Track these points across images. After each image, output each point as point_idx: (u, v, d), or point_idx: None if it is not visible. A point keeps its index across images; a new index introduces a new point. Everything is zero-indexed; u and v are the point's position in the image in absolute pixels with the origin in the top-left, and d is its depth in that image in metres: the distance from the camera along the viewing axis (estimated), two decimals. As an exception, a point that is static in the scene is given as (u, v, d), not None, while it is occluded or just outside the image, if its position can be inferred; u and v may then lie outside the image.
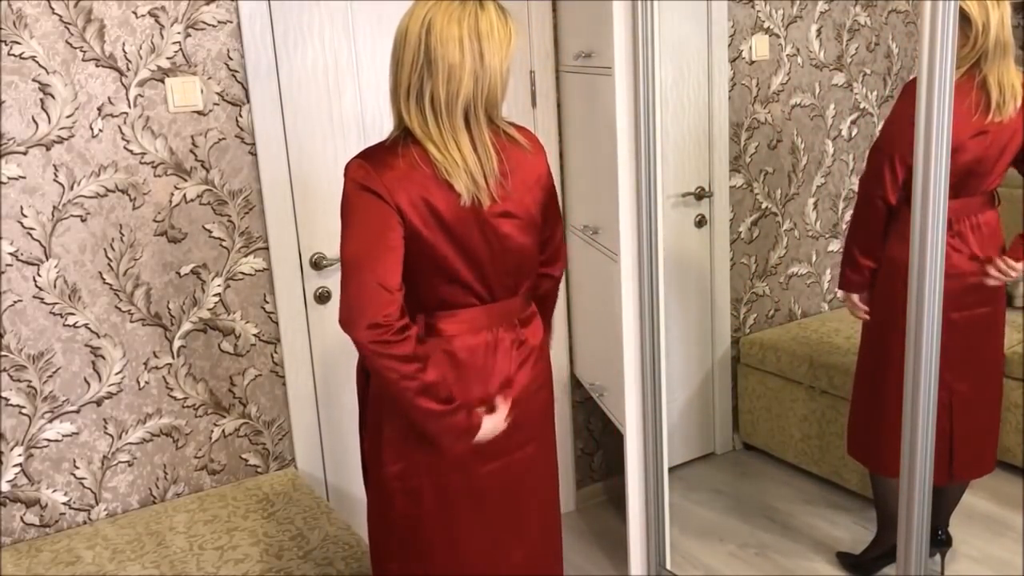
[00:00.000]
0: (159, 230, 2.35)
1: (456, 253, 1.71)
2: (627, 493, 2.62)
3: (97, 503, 2.38)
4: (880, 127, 2.49)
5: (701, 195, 3.27)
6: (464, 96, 1.66)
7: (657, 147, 2.39)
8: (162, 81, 2.30)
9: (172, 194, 2.35)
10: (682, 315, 3.29)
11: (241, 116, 2.41)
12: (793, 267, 3.50)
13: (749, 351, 3.40)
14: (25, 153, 2.17)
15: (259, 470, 2.60)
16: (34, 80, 2.15)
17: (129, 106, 2.27)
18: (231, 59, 2.37)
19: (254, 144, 2.43)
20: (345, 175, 1.70)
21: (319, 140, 2.55)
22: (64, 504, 2.34)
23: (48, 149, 2.19)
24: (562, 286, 1.98)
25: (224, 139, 2.40)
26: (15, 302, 2.21)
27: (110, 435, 2.37)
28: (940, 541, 2.64)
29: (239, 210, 2.45)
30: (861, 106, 3.47)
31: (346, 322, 1.65)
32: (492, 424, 1.80)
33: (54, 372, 2.28)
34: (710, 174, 3.26)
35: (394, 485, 1.82)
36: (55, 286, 2.25)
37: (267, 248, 2.50)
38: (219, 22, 2.34)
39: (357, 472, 2.77)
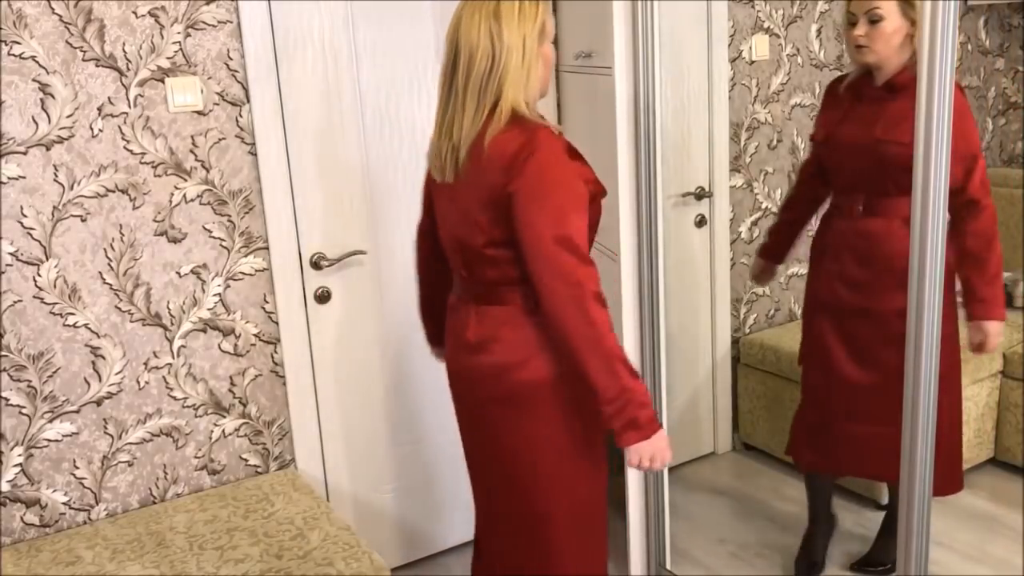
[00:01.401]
0: (159, 230, 2.35)
1: (438, 224, 1.97)
2: (627, 493, 2.62)
3: (97, 503, 2.38)
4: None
5: (701, 195, 3.27)
6: (477, 73, 1.73)
7: (657, 147, 2.39)
8: (162, 81, 2.30)
9: (172, 194, 2.36)
10: (682, 315, 3.28)
11: (241, 116, 2.41)
12: (793, 267, 3.49)
13: (749, 351, 3.40)
14: (25, 153, 2.17)
15: (259, 470, 2.60)
16: (34, 80, 2.16)
17: (129, 106, 2.27)
18: (231, 59, 2.37)
19: (254, 144, 2.43)
20: None
21: (319, 140, 2.55)
22: (64, 504, 2.34)
23: (48, 149, 2.19)
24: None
25: (224, 139, 2.40)
26: (15, 302, 2.21)
27: (110, 435, 2.37)
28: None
29: (239, 210, 2.45)
30: (861, 106, 3.47)
31: None
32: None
33: (54, 372, 2.28)
34: (710, 174, 3.27)
35: None
36: (55, 286, 2.25)
37: (267, 248, 2.50)
38: (219, 22, 2.34)
39: (357, 472, 2.78)
